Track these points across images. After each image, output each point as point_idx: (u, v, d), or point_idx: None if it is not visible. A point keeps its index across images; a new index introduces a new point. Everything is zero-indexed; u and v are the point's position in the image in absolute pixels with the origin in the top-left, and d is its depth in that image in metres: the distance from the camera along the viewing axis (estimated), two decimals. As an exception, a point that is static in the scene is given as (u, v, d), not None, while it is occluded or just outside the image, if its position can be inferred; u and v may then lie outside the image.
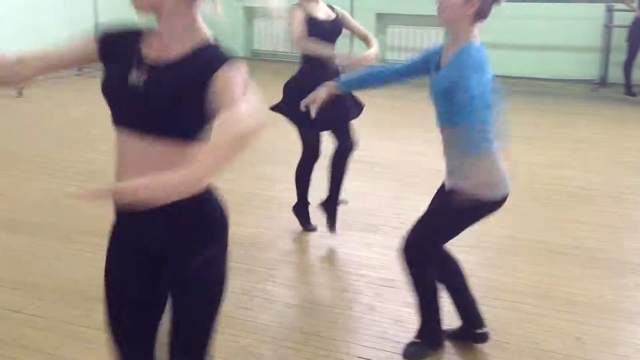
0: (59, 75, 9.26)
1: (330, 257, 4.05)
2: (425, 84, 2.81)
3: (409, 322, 3.21)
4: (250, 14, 11.21)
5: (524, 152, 5.87)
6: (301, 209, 4.32)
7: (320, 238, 4.26)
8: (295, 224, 4.36)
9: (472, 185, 2.71)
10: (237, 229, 4.22)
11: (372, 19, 10.49)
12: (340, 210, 4.30)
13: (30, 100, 7.94)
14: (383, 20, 10.51)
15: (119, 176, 1.79)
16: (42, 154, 5.92)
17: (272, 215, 4.63)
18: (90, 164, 5.61)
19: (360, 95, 4.08)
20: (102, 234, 3.90)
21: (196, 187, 1.53)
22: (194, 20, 1.77)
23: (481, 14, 2.67)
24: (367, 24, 10.18)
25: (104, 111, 1.83)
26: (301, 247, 4.18)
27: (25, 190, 5.04)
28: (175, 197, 1.49)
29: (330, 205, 4.26)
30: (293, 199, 4.32)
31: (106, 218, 1.96)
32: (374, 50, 4.00)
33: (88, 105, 7.71)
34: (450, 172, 2.83)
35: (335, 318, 3.31)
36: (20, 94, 8.05)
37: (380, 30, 10.56)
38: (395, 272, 3.70)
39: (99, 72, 1.84)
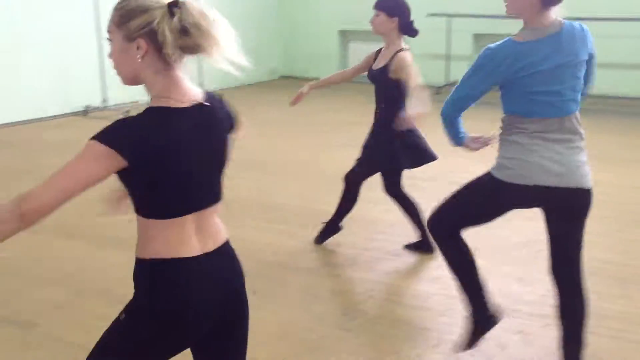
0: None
1: (430, 280, 3.99)
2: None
3: (513, 348, 3.11)
4: (345, 36, 11.32)
5: (627, 176, 5.64)
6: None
7: (420, 260, 4.22)
8: (394, 245, 4.35)
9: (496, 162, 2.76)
10: (338, 249, 4.34)
11: (470, 39, 10.40)
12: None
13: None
14: (480, 40, 10.38)
15: None
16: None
17: (371, 236, 4.63)
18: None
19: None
20: None
21: None
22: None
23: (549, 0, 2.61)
24: (464, 44, 10.32)
25: None
26: (401, 269, 4.14)
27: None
28: None
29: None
30: (393, 220, 4.31)
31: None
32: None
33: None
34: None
35: (438, 342, 3.26)
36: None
37: (478, 50, 10.43)
38: (496, 296, 3.62)
39: None
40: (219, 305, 1.85)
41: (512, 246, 4.43)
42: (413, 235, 4.32)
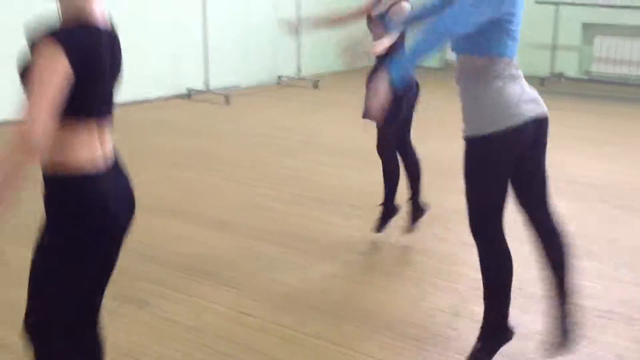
0: (262, 83, 9.75)
1: (541, 281, 3.82)
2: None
3: (631, 359, 2.95)
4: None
5: None
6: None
7: (527, 259, 4.06)
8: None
9: (472, 122, 2.62)
10: (439, 244, 4.24)
11: (578, 29, 9.99)
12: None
13: (235, 106, 8.39)
14: (590, 30, 9.95)
15: None
16: (244, 157, 6.20)
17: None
18: (290, 170, 5.79)
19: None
20: (305, 240, 3.96)
21: None
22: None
23: None
24: (572, 34, 9.91)
25: (308, 119, 1.85)
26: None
27: (228, 191, 5.29)
28: None
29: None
30: (507, 217, 4.13)
31: (308, 224, 1.96)
32: None
33: (289, 113, 8.03)
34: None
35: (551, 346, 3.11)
36: (227, 102, 8.53)
37: (587, 41, 10.00)
38: (614, 302, 3.45)
39: (297, 81, 1.87)
40: (128, 210, 2.09)
41: (631, 250, 4.20)
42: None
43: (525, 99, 2.65)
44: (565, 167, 5.68)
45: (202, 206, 4.91)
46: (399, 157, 4.24)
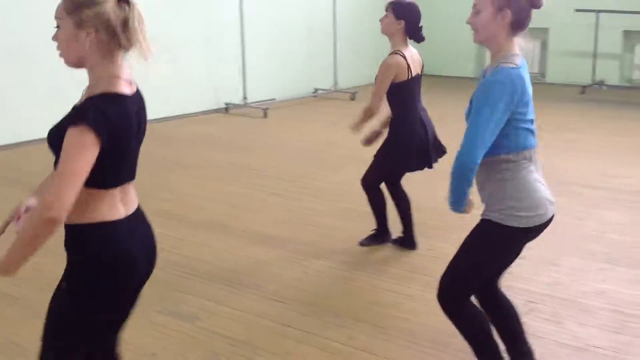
0: (298, 96, 9.78)
1: (596, 294, 3.74)
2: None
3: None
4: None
5: None
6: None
7: (584, 273, 3.99)
8: (556, 255, 4.17)
9: (498, 211, 2.51)
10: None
11: (619, 37, 9.86)
12: (603, 243, 4.06)
13: (273, 120, 8.42)
14: (631, 38, 9.82)
15: None
16: (286, 170, 6.21)
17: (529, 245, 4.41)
18: (335, 183, 5.78)
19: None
20: (350, 253, 3.91)
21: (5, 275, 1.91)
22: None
23: (518, 25, 2.44)
24: (613, 42, 9.77)
25: (347, 132, 1.83)
26: (563, 281, 3.91)
27: (272, 205, 5.29)
28: None
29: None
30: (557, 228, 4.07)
31: (351, 238, 1.93)
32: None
33: (328, 126, 8.03)
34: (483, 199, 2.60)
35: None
36: (265, 115, 8.57)
37: (628, 48, 9.87)
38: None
39: (334, 93, 1.86)
40: (146, 257, 2.10)
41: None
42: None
43: (548, 198, 2.56)
44: (608, 175, 5.59)
45: (247, 220, 4.92)
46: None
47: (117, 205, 2.02)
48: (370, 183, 4.28)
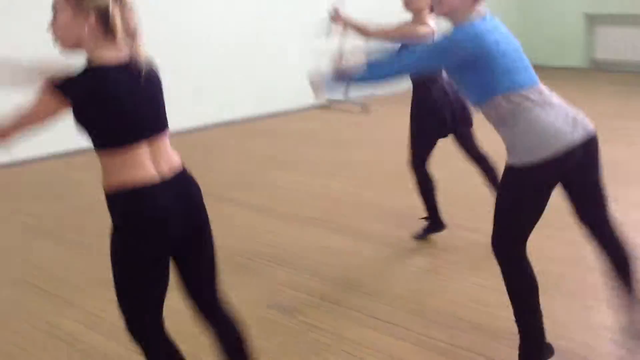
0: (397, 91, 9.69)
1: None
2: None
3: None
4: (592, 20, 10.53)
5: None
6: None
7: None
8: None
9: (513, 155, 2.64)
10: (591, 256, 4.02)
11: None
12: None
13: (375, 115, 8.42)
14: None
15: None
16: (390, 167, 6.18)
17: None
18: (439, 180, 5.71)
19: None
20: (454, 251, 3.85)
21: None
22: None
23: None
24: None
25: None
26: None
27: (375, 201, 5.31)
28: None
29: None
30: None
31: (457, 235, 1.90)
32: None
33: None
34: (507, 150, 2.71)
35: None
36: (366, 110, 8.58)
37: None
38: None
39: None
40: (184, 214, 2.19)
41: None
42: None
43: (560, 126, 2.60)
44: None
45: (347, 216, 4.96)
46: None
47: (144, 163, 2.13)
48: (414, 163, 4.29)
